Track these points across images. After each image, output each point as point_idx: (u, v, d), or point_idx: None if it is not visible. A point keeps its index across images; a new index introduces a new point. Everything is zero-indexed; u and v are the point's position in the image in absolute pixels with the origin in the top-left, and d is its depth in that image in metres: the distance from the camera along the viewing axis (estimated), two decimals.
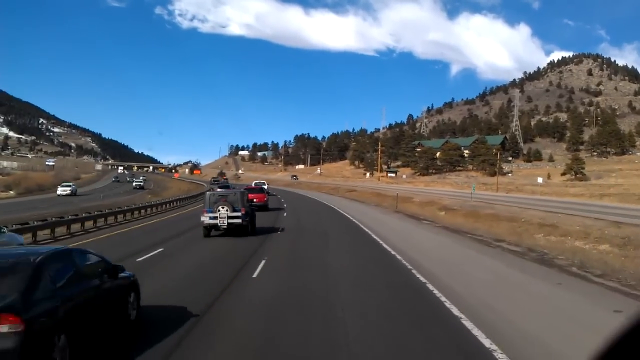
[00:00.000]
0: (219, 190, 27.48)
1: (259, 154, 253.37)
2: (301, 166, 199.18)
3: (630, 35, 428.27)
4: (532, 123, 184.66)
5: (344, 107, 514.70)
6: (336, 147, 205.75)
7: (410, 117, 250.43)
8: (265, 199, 37.41)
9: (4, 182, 68.37)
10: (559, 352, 6.64)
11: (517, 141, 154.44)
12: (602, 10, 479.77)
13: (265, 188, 47.55)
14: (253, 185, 48.39)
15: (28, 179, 67.01)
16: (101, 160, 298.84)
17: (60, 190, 58.07)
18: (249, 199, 23.13)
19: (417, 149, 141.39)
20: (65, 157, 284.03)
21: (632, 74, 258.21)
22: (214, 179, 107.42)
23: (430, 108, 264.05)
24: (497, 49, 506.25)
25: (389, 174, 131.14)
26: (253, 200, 27.26)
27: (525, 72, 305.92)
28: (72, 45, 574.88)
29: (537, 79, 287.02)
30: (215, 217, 20.22)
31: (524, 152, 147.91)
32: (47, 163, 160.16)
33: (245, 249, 16.97)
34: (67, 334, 5.84)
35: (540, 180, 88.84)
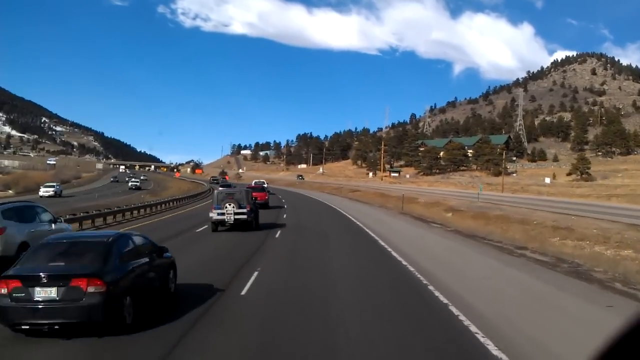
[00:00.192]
0: (225, 189, 29.21)
1: (261, 153, 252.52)
2: (303, 166, 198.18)
3: (633, 35, 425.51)
4: (536, 122, 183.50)
5: (346, 106, 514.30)
6: (339, 147, 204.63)
7: (413, 116, 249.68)
8: (266, 197, 39.16)
9: (3, 181, 67.75)
10: None
11: (521, 141, 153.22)
12: (606, 9, 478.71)
13: (266, 187, 48.73)
14: (253, 184, 49.09)
15: (27, 178, 66.33)
16: (103, 160, 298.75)
17: (42, 191, 53.95)
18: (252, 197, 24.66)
19: (420, 149, 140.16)
20: (67, 156, 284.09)
21: (636, 74, 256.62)
22: (214, 178, 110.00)
23: (433, 107, 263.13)
24: (500, 48, 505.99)
25: (392, 174, 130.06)
26: (256, 199, 28.72)
27: (528, 72, 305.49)
28: (75, 44, 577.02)
29: (540, 79, 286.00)
30: (223, 214, 22.05)
31: (528, 151, 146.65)
32: (48, 162, 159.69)
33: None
34: (132, 296, 7.60)
35: (547, 180, 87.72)
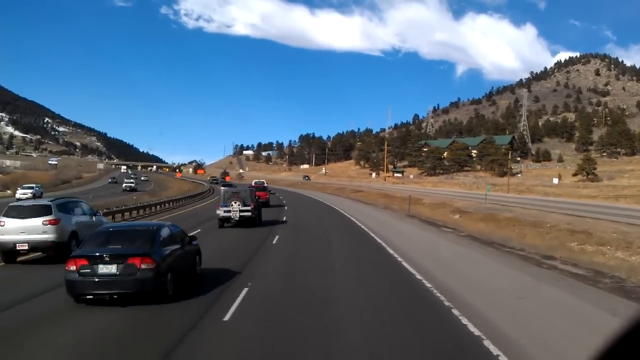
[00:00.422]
0: (231, 188, 30.59)
1: (264, 153, 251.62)
2: (306, 166, 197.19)
3: (636, 36, 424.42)
4: (540, 123, 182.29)
5: (349, 107, 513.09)
6: (341, 147, 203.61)
7: (416, 117, 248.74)
8: (267, 196, 41.59)
9: (1, 181, 67.02)
10: None
11: (526, 141, 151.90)
12: (609, 10, 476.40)
13: (266, 186, 51.65)
14: (252, 184, 50.24)
15: (26, 178, 65.47)
16: (105, 160, 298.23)
17: (19, 194, 49.46)
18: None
19: (424, 149, 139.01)
20: (70, 156, 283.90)
21: (639, 74, 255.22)
22: (213, 178, 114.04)
23: (436, 108, 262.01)
24: (503, 49, 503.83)
25: (396, 174, 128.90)
26: (259, 197, 30.10)
27: (532, 72, 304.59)
28: (78, 45, 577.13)
29: (544, 79, 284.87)
30: (229, 211, 23.78)
31: (533, 152, 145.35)
32: (49, 162, 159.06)
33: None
34: (172, 273, 9.39)
35: (555, 180, 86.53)
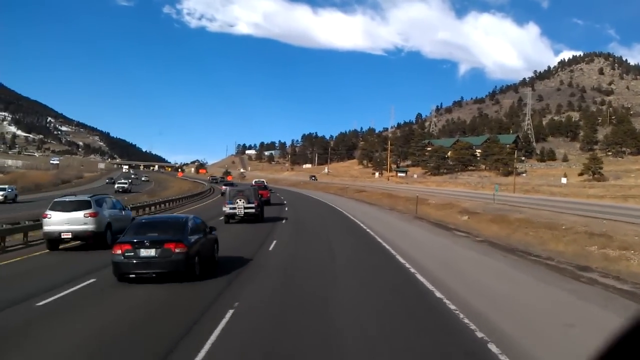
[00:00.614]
0: (237, 187, 32.98)
1: (266, 153, 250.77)
2: (308, 165, 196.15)
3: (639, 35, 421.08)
4: (544, 122, 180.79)
5: (351, 106, 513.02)
6: (344, 147, 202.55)
7: (419, 116, 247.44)
8: (268, 195, 43.88)
9: (0, 181, 66.08)
10: None
11: (530, 140, 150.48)
12: (612, 9, 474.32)
13: (267, 186, 54.48)
14: (253, 184, 51.63)
15: (25, 178, 64.58)
16: (108, 159, 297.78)
17: None
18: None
19: (428, 148, 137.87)
20: (72, 155, 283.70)
21: None
22: (213, 177, 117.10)
23: (439, 107, 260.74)
24: (506, 48, 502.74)
25: (399, 174, 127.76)
26: (262, 196, 31.59)
27: (535, 71, 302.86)
28: (81, 44, 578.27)
29: (547, 78, 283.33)
30: (235, 208, 25.72)
31: (537, 151, 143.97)
32: (51, 162, 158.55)
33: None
34: (198, 257, 11.83)
35: (564, 180, 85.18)
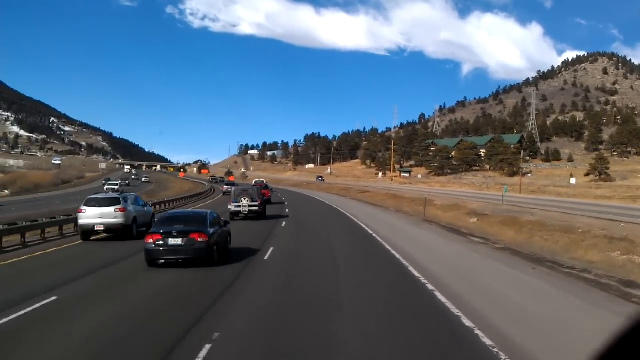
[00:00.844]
0: (241, 186, 34.82)
1: (269, 153, 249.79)
2: (311, 165, 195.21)
3: None
4: (548, 122, 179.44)
5: (354, 106, 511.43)
6: (347, 147, 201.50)
7: (422, 116, 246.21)
8: (269, 194, 45.29)
9: (1, 181, 65.38)
10: None
11: (535, 140, 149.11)
12: (615, 9, 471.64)
13: (268, 186, 55.42)
14: (254, 184, 51.66)
15: (25, 178, 63.78)
16: (110, 160, 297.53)
17: None
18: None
19: (431, 149, 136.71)
20: (75, 156, 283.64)
21: None
22: (213, 178, 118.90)
23: (443, 107, 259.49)
24: (509, 48, 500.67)
25: (403, 174, 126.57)
26: (264, 195, 33.42)
27: (539, 71, 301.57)
28: (84, 45, 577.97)
29: (551, 78, 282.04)
30: (239, 206, 27.94)
31: (542, 151, 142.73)
32: (53, 162, 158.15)
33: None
34: (217, 246, 13.88)
35: (573, 181, 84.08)
